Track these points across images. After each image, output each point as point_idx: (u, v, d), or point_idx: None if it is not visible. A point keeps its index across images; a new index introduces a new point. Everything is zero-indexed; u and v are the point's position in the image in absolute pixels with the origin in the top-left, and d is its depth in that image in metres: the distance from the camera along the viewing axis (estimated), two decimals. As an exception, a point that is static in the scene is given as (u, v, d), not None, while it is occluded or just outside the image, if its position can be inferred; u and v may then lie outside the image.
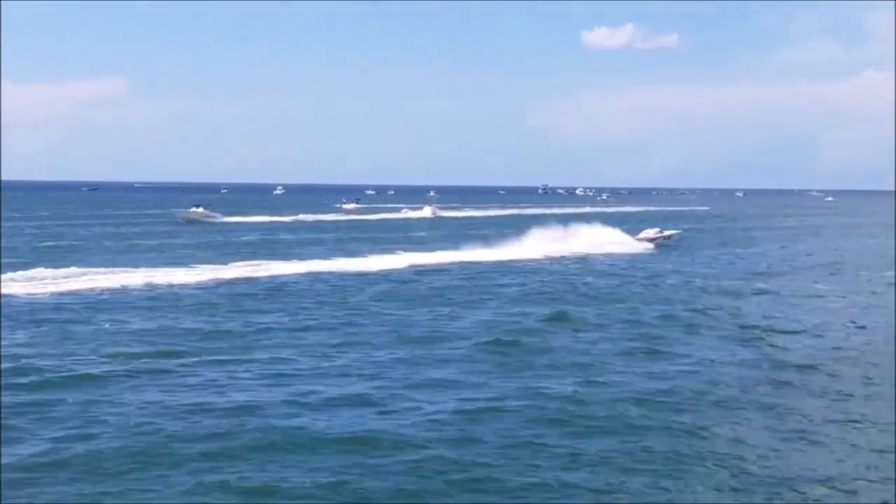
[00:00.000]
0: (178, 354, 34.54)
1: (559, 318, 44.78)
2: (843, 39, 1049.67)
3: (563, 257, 79.48)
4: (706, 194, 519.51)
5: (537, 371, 32.91)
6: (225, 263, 67.34)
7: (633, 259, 79.50)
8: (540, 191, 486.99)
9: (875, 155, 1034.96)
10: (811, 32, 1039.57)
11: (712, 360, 35.32)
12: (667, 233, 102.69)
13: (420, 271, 65.98)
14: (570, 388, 29.77)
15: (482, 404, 27.70)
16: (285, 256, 74.71)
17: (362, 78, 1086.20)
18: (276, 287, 55.76)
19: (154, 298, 50.09)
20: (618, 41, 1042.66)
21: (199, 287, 55.23)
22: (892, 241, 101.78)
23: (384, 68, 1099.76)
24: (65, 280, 56.02)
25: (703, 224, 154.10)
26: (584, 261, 76.85)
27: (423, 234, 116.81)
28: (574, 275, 65.39)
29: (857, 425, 26.44)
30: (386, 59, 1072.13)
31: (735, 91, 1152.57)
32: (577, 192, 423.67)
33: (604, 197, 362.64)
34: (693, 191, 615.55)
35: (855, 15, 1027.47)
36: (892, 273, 68.40)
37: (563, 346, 37.57)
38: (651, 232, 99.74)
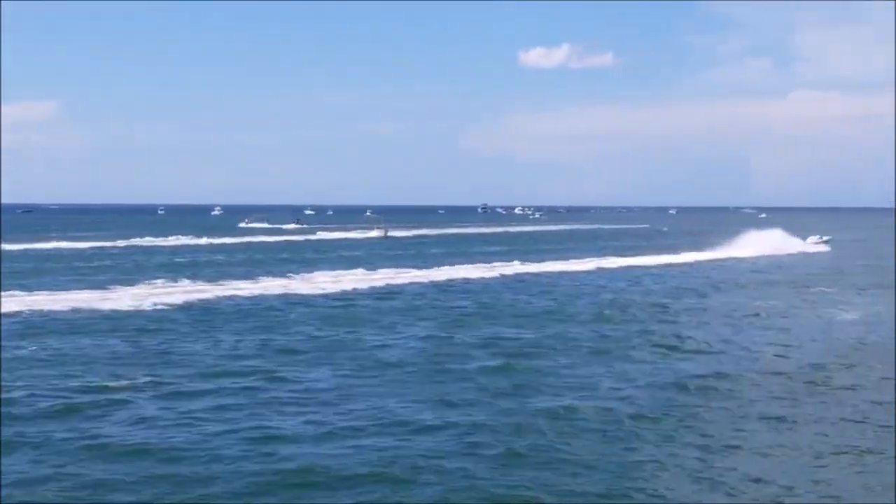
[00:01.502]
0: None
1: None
2: (773, 60, 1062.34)
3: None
4: (642, 212, 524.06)
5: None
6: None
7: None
8: (479, 210, 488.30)
9: (805, 172, 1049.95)
10: (740, 53, 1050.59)
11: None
12: (824, 238, 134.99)
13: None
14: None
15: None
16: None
17: (300, 100, 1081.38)
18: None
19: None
20: (554, 61, 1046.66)
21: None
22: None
23: (321, 91, 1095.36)
24: None
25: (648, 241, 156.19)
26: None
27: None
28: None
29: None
30: (322, 81, 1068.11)
31: (668, 110, 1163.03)
32: (516, 210, 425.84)
33: (536, 216, 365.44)
34: (630, 209, 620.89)
35: (783, 35, 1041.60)
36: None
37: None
38: (814, 238, 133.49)
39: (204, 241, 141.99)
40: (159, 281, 71.48)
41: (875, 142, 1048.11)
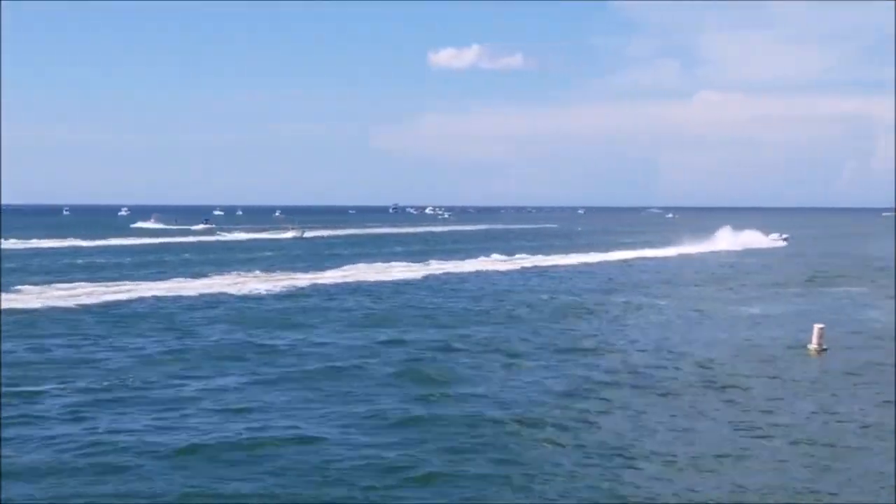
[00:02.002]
0: None
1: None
2: (680, 62, 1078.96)
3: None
4: (550, 212, 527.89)
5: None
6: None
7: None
8: (391, 210, 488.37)
9: (711, 172, 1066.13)
10: (648, 55, 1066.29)
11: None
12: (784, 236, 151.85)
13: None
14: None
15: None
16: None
17: (209, 100, 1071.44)
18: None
19: None
20: (464, 62, 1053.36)
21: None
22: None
23: (231, 91, 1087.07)
24: None
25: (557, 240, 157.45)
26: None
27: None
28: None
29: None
30: (232, 82, 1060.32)
31: (578, 111, 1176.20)
32: (427, 210, 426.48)
33: (445, 216, 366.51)
34: (539, 209, 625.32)
35: (689, 38, 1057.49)
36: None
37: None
38: (775, 235, 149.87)
39: (102, 242, 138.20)
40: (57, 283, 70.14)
41: (777, 142, 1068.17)
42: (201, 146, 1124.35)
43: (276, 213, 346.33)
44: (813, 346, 42.53)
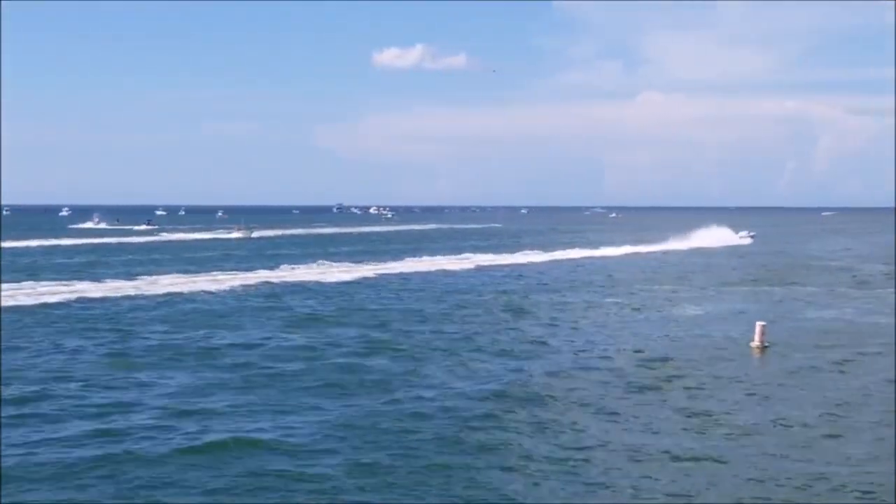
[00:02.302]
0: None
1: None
2: (622, 62, 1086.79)
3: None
4: (494, 212, 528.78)
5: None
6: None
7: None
8: (335, 210, 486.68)
9: (653, 172, 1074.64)
10: (591, 55, 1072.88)
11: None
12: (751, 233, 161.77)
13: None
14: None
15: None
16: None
17: (152, 100, 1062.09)
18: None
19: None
20: (408, 61, 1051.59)
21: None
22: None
23: (172, 90, 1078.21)
24: None
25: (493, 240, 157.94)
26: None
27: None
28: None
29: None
30: (174, 81, 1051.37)
31: (522, 111, 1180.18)
32: (372, 210, 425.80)
33: (388, 216, 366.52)
34: (483, 208, 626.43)
35: (632, 38, 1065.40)
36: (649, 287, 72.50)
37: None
38: (743, 232, 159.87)
39: (41, 242, 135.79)
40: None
41: (719, 143, 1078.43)
42: (143, 146, 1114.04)
43: (219, 214, 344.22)
44: (755, 343, 42.99)
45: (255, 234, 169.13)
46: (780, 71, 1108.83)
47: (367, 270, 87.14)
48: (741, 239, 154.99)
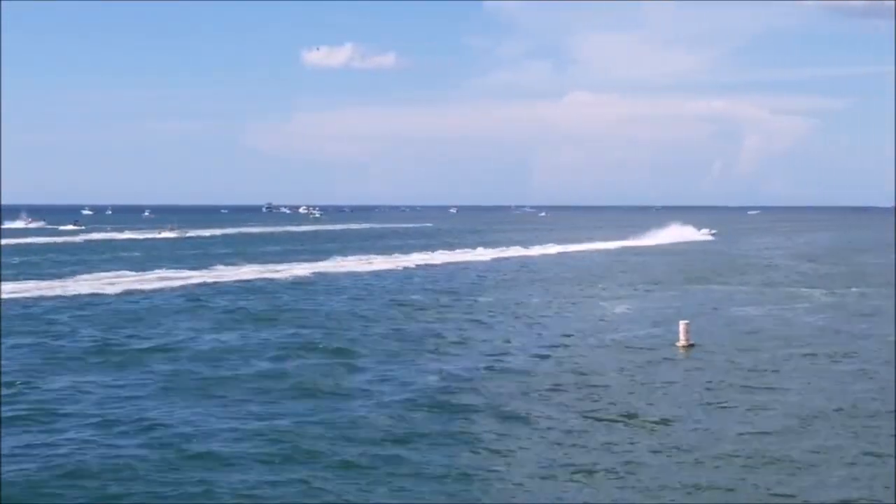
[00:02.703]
0: None
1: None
2: (551, 62, 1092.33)
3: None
4: (423, 211, 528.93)
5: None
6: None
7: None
8: (264, 209, 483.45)
9: (584, 171, 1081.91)
10: (520, 55, 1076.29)
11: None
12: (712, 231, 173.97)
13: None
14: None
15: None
16: None
17: (75, 98, 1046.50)
18: None
19: None
20: (337, 60, 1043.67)
21: None
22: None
23: (97, 89, 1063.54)
24: None
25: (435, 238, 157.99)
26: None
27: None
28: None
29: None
30: (97, 80, 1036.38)
31: (451, 110, 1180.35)
32: (301, 210, 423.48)
33: (317, 215, 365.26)
34: (413, 208, 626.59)
35: (560, 39, 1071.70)
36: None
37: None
38: (706, 230, 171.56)
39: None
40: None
41: (647, 142, 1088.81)
42: (65, 144, 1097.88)
43: (146, 213, 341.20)
44: (681, 342, 43.46)
45: (189, 234, 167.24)
46: (707, 72, 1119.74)
47: (296, 270, 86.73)
48: (703, 236, 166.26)
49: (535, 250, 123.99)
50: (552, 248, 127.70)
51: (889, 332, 47.78)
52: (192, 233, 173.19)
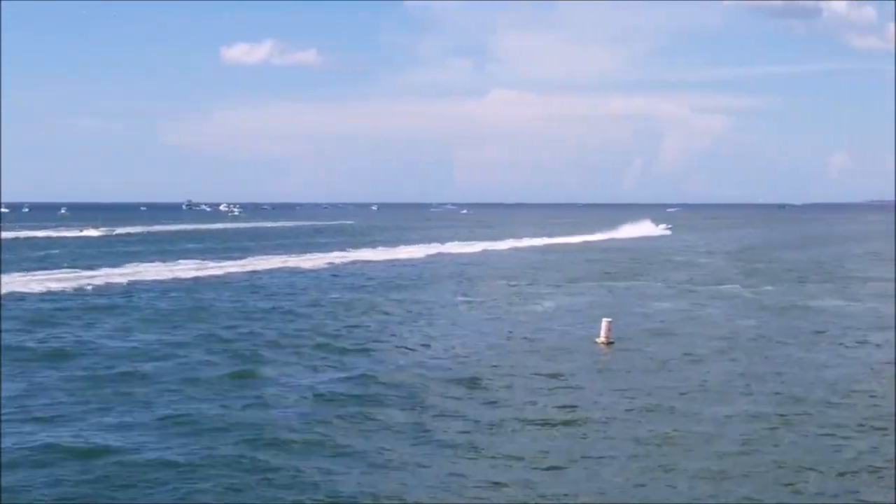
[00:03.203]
0: None
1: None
2: (473, 60, 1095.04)
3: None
4: (345, 209, 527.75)
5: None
6: None
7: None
8: (184, 206, 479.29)
9: (506, 169, 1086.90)
10: (441, 53, 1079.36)
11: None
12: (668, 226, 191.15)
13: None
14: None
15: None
16: None
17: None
18: None
19: None
20: (257, 57, 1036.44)
21: None
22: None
23: (11, 86, 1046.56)
24: None
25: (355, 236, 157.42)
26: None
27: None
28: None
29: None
30: (13, 78, 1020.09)
31: (373, 108, 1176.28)
32: (221, 207, 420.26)
33: (236, 212, 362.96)
34: (335, 205, 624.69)
35: (482, 37, 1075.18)
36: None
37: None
38: (663, 225, 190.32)
39: None
40: None
41: (569, 141, 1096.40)
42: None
43: (62, 211, 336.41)
44: (601, 339, 43.59)
45: (100, 232, 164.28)
46: (628, 70, 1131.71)
47: (216, 268, 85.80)
48: (661, 231, 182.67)
49: (458, 248, 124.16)
50: (476, 246, 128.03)
51: (804, 325, 48.92)
52: (100, 231, 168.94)
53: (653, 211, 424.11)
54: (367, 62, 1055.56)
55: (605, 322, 44.41)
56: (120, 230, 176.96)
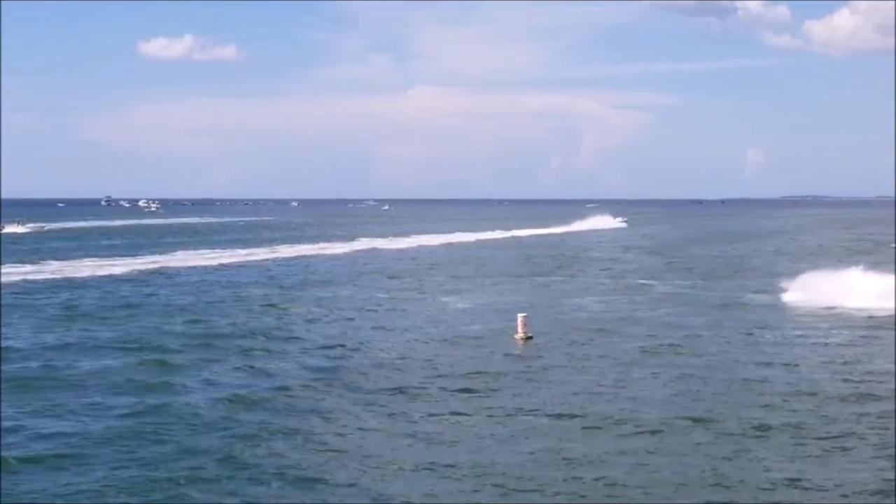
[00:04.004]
0: None
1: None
2: (394, 56, 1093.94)
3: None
4: (265, 205, 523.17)
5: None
6: None
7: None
8: (103, 202, 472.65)
9: (426, 166, 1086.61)
10: (362, 49, 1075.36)
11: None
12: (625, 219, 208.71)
13: None
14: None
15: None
16: None
17: None
18: None
19: None
20: (176, 52, 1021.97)
21: None
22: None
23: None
24: None
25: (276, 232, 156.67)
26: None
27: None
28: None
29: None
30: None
31: (294, 104, 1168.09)
32: (141, 203, 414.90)
33: (153, 208, 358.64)
34: (256, 202, 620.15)
35: (403, 33, 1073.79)
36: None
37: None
38: (620, 218, 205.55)
39: None
40: None
41: (489, 137, 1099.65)
42: None
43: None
44: (518, 335, 44.08)
45: (46, 228, 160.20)
46: (547, 67, 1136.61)
47: (134, 265, 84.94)
48: (619, 223, 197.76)
49: (380, 243, 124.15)
50: (399, 242, 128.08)
51: (719, 319, 49.90)
52: (22, 227, 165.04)
53: (571, 207, 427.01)
54: (288, 58, 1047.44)
55: (520, 317, 44.78)
56: (51, 226, 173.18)
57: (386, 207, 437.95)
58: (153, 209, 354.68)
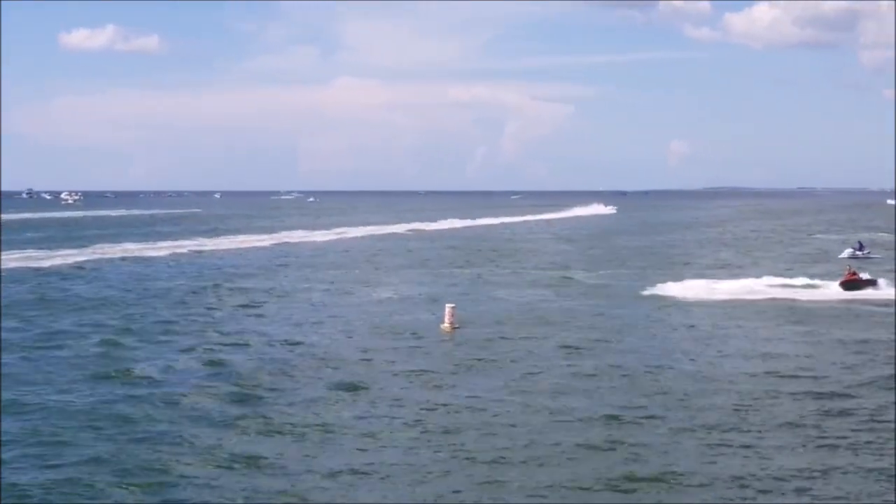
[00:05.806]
0: None
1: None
2: (318, 48, 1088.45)
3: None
4: (189, 197, 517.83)
5: None
6: None
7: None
8: (24, 195, 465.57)
9: (350, 157, 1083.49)
10: (286, 41, 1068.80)
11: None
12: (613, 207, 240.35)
13: None
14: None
15: None
16: None
17: None
18: None
19: None
20: (98, 43, 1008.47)
21: None
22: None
23: None
24: None
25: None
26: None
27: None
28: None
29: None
30: None
31: (217, 95, 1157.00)
32: (63, 195, 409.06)
33: (70, 201, 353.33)
34: (180, 193, 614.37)
35: (327, 25, 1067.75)
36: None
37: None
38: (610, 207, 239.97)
39: None
40: None
41: (413, 129, 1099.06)
42: None
43: None
44: (445, 325, 44.47)
45: None
46: (470, 60, 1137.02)
47: (56, 258, 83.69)
48: (608, 210, 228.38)
49: (307, 236, 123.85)
50: (326, 234, 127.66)
51: (644, 311, 50.68)
52: None
53: (496, 198, 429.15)
54: (211, 49, 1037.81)
55: (448, 307, 45.24)
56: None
57: (312, 199, 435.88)
58: (70, 202, 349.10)
